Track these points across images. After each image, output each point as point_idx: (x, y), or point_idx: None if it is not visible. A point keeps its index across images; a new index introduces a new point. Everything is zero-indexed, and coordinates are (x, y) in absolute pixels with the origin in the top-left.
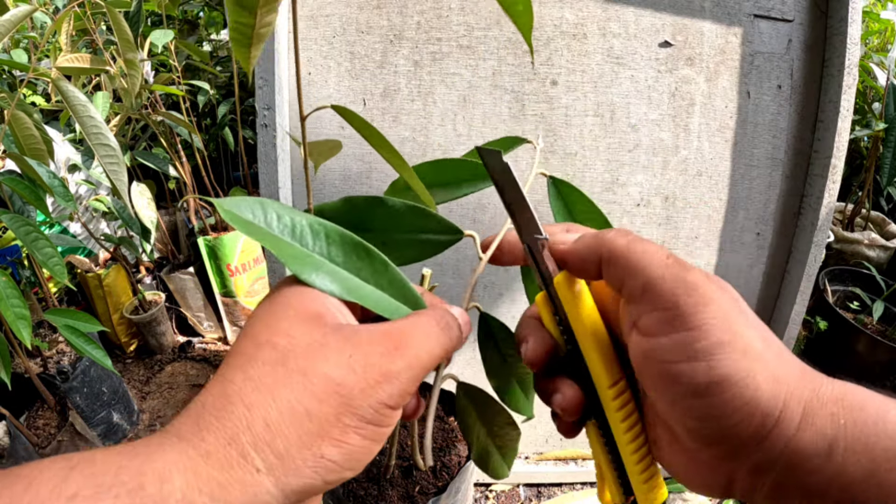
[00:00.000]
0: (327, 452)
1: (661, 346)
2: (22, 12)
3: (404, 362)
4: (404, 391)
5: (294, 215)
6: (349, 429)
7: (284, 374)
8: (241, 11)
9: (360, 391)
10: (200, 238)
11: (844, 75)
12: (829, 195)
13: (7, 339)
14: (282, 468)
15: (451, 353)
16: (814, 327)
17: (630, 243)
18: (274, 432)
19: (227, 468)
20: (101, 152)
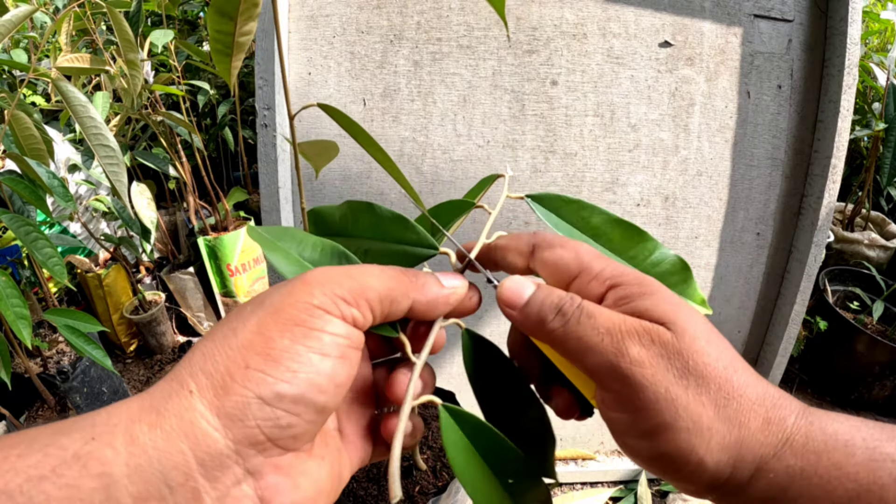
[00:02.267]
0: (252, 361)
1: (613, 420)
2: (22, 13)
3: (334, 272)
4: (332, 293)
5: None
6: (273, 332)
7: (227, 317)
8: (222, 19)
9: (280, 299)
10: (200, 238)
11: (844, 75)
12: (829, 195)
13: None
14: (211, 387)
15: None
16: (814, 327)
17: (566, 330)
18: (207, 357)
19: (166, 398)
20: (101, 152)
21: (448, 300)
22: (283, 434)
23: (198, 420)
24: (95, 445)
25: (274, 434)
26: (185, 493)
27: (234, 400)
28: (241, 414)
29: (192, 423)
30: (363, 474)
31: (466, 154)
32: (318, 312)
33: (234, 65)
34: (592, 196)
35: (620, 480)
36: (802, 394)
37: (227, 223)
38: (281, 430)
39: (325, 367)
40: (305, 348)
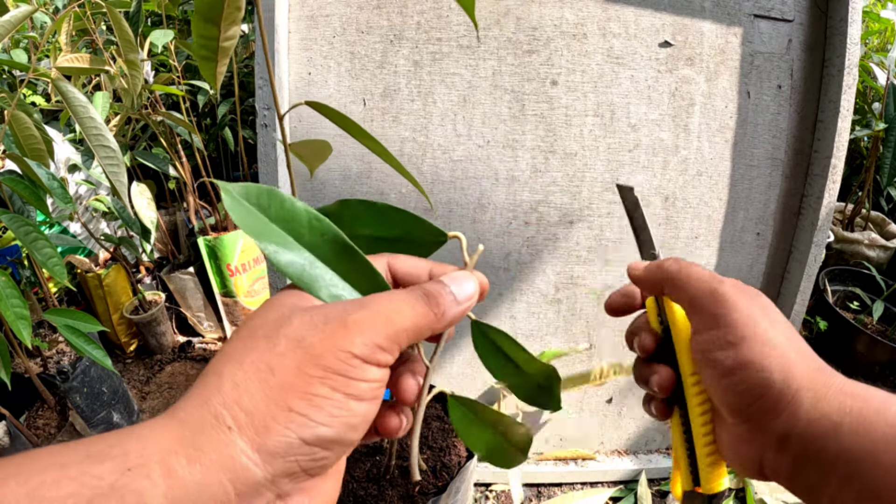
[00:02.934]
0: (295, 405)
1: (704, 339)
2: (22, 13)
3: (369, 313)
4: (372, 343)
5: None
6: (314, 379)
7: (251, 342)
8: (206, 25)
9: (320, 341)
10: (200, 238)
11: (844, 75)
12: (829, 195)
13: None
14: (252, 425)
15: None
16: (814, 327)
17: (680, 269)
18: (241, 390)
19: (201, 430)
20: (101, 153)
21: (465, 313)
22: (315, 465)
23: (238, 456)
24: (132, 477)
25: (308, 466)
26: None
27: (277, 440)
28: (284, 452)
29: (232, 458)
30: (363, 474)
31: (466, 154)
32: (357, 362)
33: (219, 70)
34: (592, 196)
35: (620, 480)
36: None
37: (227, 223)
38: (315, 463)
39: (361, 410)
40: (345, 396)
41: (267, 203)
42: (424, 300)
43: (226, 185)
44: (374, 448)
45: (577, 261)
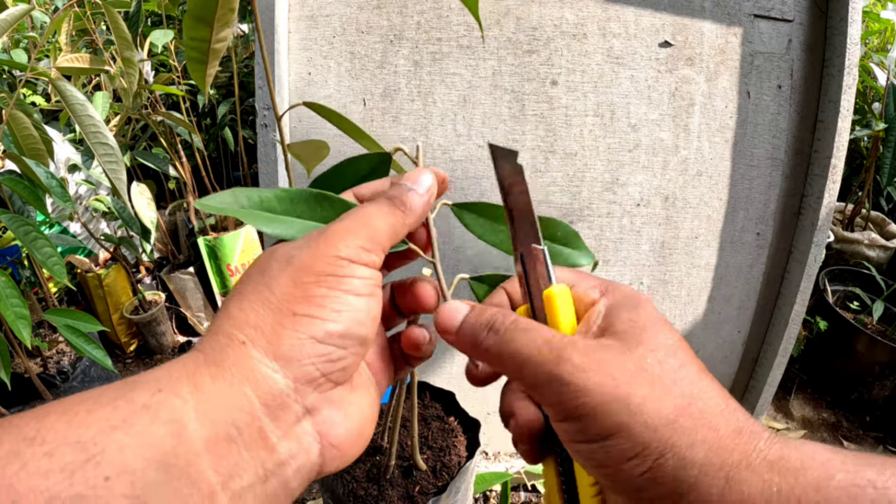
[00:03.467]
0: (299, 309)
1: (560, 429)
2: (19, 11)
3: (345, 223)
4: (355, 245)
5: (261, 193)
6: (309, 284)
7: (247, 280)
8: (198, 25)
9: (309, 255)
10: (200, 238)
11: (844, 75)
12: (829, 195)
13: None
14: (263, 335)
15: (413, 222)
16: (814, 327)
17: (501, 344)
18: (247, 311)
19: (219, 351)
20: (101, 152)
21: (431, 201)
22: (334, 368)
23: (257, 365)
24: (163, 396)
25: (327, 369)
26: (251, 432)
27: (289, 343)
28: (298, 354)
29: (251, 369)
30: (363, 474)
31: (466, 154)
32: (345, 263)
33: (209, 72)
34: (592, 196)
35: None
36: (802, 394)
37: (227, 223)
38: (332, 364)
39: (362, 305)
40: (342, 292)
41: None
42: (389, 203)
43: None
44: (374, 448)
45: None
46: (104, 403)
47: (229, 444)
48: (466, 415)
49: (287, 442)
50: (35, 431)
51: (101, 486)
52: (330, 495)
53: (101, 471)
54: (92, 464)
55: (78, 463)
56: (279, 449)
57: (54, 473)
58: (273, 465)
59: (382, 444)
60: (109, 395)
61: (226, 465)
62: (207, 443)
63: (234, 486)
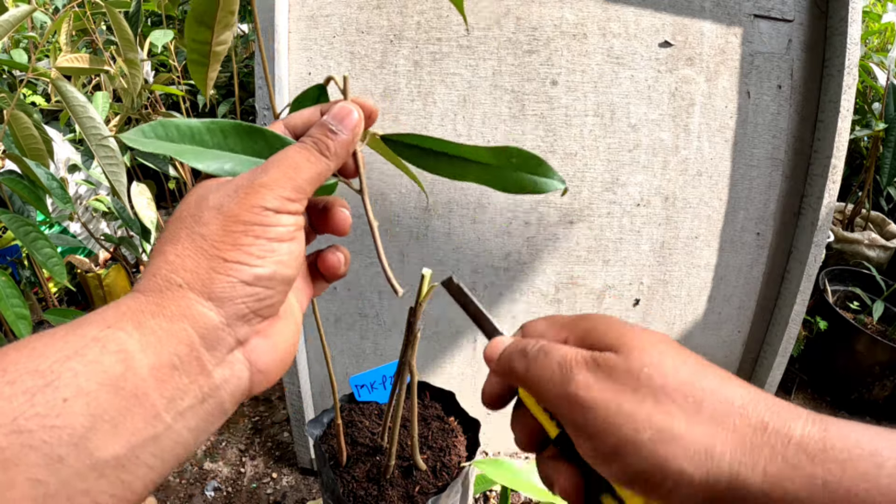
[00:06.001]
0: (229, 255)
1: (584, 452)
2: (21, 12)
3: (271, 174)
4: (280, 196)
5: (190, 124)
6: (238, 233)
7: (180, 223)
8: (199, 28)
9: (236, 204)
10: None
11: (844, 75)
12: (829, 195)
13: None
14: (198, 279)
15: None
16: (814, 327)
17: (528, 370)
18: (183, 257)
19: (158, 292)
20: (101, 152)
21: (356, 139)
22: (262, 305)
23: (193, 305)
24: (111, 331)
25: (255, 307)
26: (191, 360)
27: (221, 286)
28: (229, 295)
29: (188, 307)
30: (363, 474)
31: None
32: (270, 213)
33: (209, 75)
34: (592, 196)
35: None
36: (802, 394)
37: None
38: (260, 303)
39: (286, 249)
40: (267, 240)
41: (164, 133)
42: (314, 147)
43: (124, 134)
44: (375, 448)
45: (577, 261)
46: (58, 338)
47: (172, 371)
48: (466, 415)
49: (221, 369)
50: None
51: (60, 405)
52: (330, 495)
53: (59, 393)
54: (51, 388)
55: (38, 387)
56: (214, 375)
57: (17, 397)
58: (209, 389)
59: (382, 444)
60: (61, 332)
61: (169, 388)
62: (152, 370)
63: (175, 406)
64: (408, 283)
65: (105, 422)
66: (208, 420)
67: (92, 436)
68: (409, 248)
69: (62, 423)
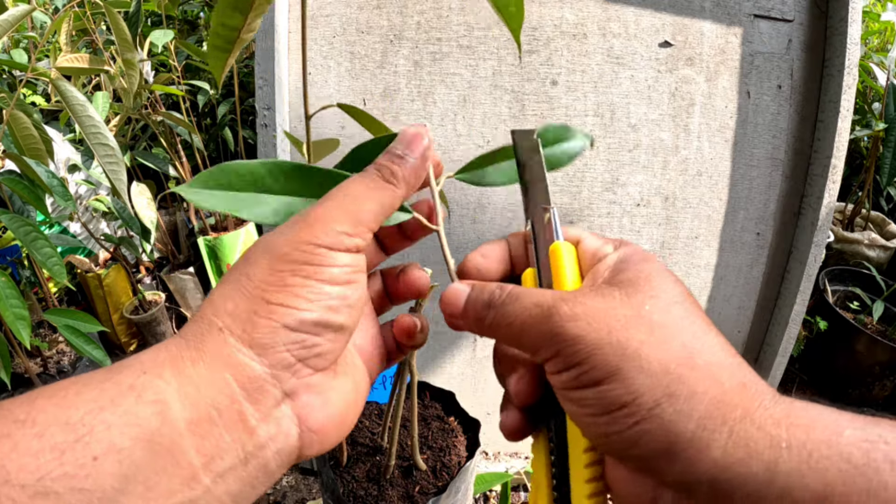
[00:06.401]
0: (272, 297)
1: (555, 381)
2: (20, 12)
3: (327, 206)
4: (335, 231)
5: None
6: (285, 273)
7: (235, 265)
8: (233, 14)
9: (285, 242)
10: (200, 238)
11: (844, 75)
12: (829, 195)
13: (7, 339)
14: (238, 323)
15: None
16: (814, 327)
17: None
18: (227, 300)
19: (200, 337)
20: (101, 152)
21: (427, 164)
22: (309, 354)
23: (234, 352)
24: (147, 378)
25: (302, 355)
26: (231, 414)
27: (262, 331)
28: (271, 342)
29: (229, 355)
30: (363, 474)
31: (466, 154)
32: (324, 251)
33: (229, 62)
34: (592, 196)
35: None
36: (802, 394)
37: (226, 223)
38: (307, 351)
39: (336, 292)
40: (317, 281)
41: (226, 180)
42: (377, 175)
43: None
44: (375, 448)
45: None
46: (92, 386)
47: (211, 425)
48: (466, 415)
49: (266, 425)
50: (25, 414)
51: (90, 464)
52: (330, 495)
53: (90, 450)
54: (81, 444)
55: (68, 443)
56: (259, 431)
57: (44, 453)
58: (253, 448)
59: (382, 444)
60: (97, 377)
61: (208, 446)
62: (190, 424)
63: (215, 467)
64: None
65: (138, 483)
66: (252, 484)
67: (123, 500)
68: (408, 248)
69: (92, 486)
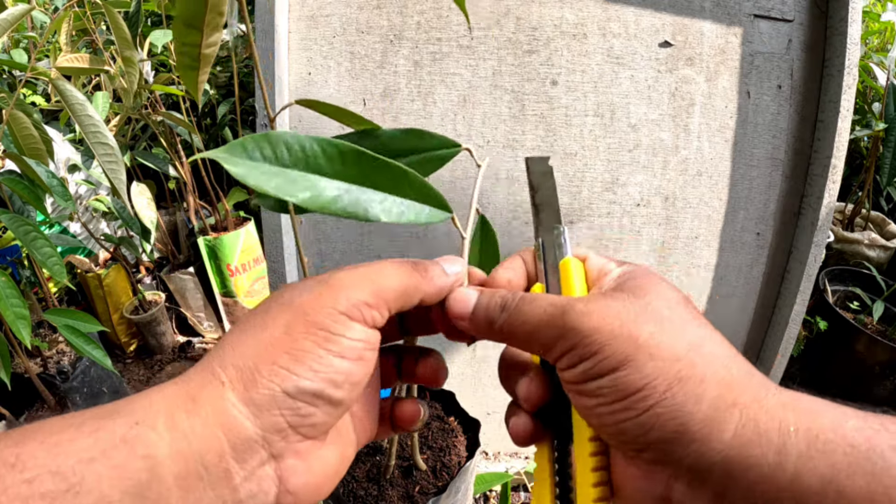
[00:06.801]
0: (279, 359)
1: (571, 375)
2: (19, 11)
3: (355, 273)
4: (357, 299)
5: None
6: (299, 334)
7: (252, 315)
8: (188, 31)
9: (307, 301)
10: (200, 238)
11: (844, 75)
12: (829, 195)
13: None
14: (241, 379)
15: (430, 292)
16: (814, 327)
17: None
18: (236, 351)
19: (201, 387)
20: (100, 152)
21: (453, 287)
22: (303, 422)
23: (230, 409)
24: (140, 430)
25: (295, 422)
26: (218, 472)
27: (262, 392)
28: (268, 404)
29: (224, 410)
30: (363, 474)
31: (466, 154)
32: (342, 318)
33: (200, 78)
34: (592, 196)
35: None
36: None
37: (227, 223)
38: (301, 419)
39: (343, 367)
40: (326, 351)
41: (272, 153)
42: (412, 265)
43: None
44: (374, 448)
45: None
46: (85, 433)
47: (197, 480)
48: (466, 415)
49: (249, 483)
50: (15, 457)
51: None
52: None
53: (80, 500)
54: (71, 493)
55: (58, 492)
56: (241, 489)
57: (34, 500)
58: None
59: (382, 444)
60: (89, 425)
61: (191, 499)
62: (178, 479)
63: None
64: None
65: None
66: None
67: None
68: (409, 248)
69: None
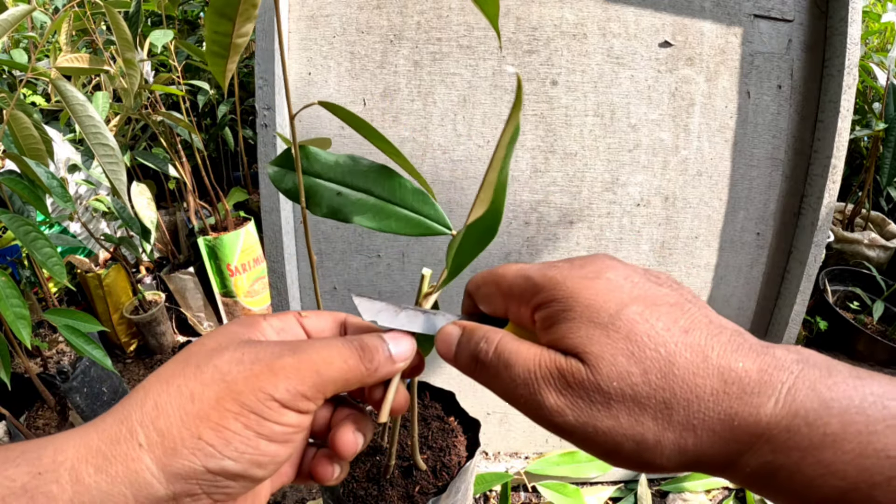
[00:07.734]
0: (205, 435)
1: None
2: (20, 12)
3: (295, 360)
4: (295, 390)
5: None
6: (229, 413)
7: (183, 367)
8: (220, 20)
9: (243, 379)
10: (200, 238)
11: (844, 75)
12: (829, 195)
13: (7, 339)
14: (161, 446)
15: (370, 376)
16: (814, 327)
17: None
18: (160, 411)
19: (115, 442)
20: (101, 152)
21: (397, 371)
22: (218, 491)
23: (143, 471)
24: (42, 480)
25: (210, 490)
26: None
27: (183, 464)
28: (186, 476)
29: (137, 472)
30: (363, 474)
31: (466, 154)
32: (276, 405)
33: (228, 67)
34: (592, 196)
35: (620, 480)
36: None
37: (227, 223)
38: (217, 489)
39: (270, 450)
40: (256, 435)
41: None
42: (359, 353)
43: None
44: (374, 448)
45: None
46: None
47: None
48: (466, 415)
49: None
50: None
51: None
52: (330, 495)
53: None
54: None
55: None
56: None
57: None
58: None
59: (382, 444)
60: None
61: None
62: None
63: None
64: (408, 282)
65: None
66: None
67: None
68: (409, 248)
69: None
